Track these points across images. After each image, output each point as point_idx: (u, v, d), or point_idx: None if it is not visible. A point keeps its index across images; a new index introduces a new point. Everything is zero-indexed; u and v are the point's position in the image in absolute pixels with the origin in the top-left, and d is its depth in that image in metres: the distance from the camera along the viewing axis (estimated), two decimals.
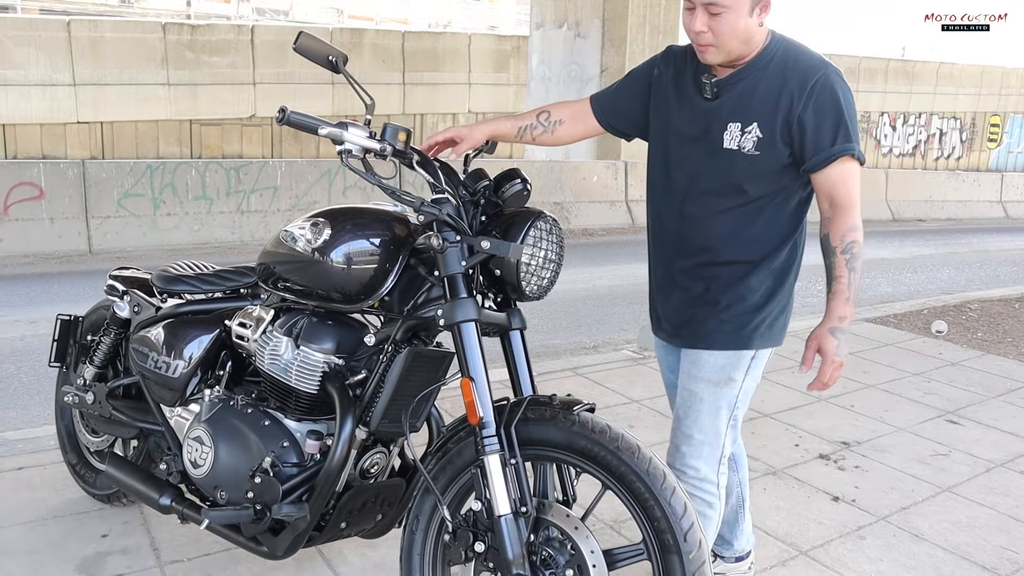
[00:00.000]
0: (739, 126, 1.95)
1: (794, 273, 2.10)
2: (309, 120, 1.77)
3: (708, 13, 1.84)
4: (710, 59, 1.92)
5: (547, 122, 2.24)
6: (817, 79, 1.88)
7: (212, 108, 15.92)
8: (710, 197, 2.03)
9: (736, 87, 1.95)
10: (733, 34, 1.85)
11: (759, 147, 1.94)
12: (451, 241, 1.80)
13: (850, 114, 1.89)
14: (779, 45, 1.95)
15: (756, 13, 1.86)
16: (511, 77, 19.12)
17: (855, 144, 1.89)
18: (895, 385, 4.43)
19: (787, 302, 2.11)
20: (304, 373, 2.00)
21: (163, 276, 2.40)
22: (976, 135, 27.03)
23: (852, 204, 1.90)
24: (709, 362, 2.08)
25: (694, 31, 1.88)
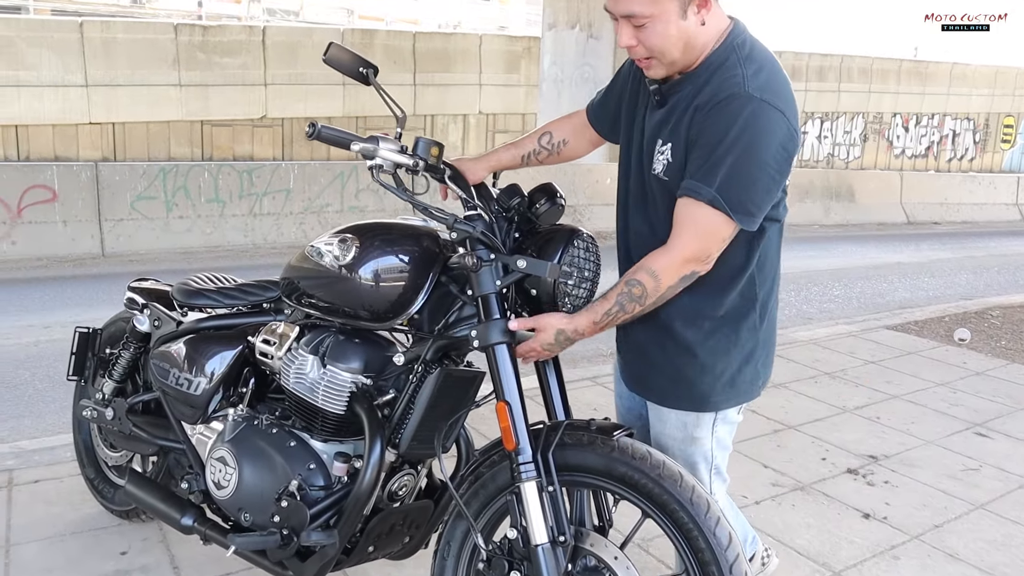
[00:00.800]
0: (660, 143, 1.72)
1: (755, 316, 1.81)
2: (341, 135, 1.72)
3: (632, 25, 1.63)
4: (654, 74, 1.70)
5: (550, 144, 2.11)
6: (721, 99, 1.59)
7: (223, 109, 15.89)
8: (640, 225, 1.83)
9: (674, 97, 1.71)
10: (667, 43, 1.61)
11: (667, 172, 1.70)
12: (485, 260, 1.75)
13: (728, 154, 1.56)
14: (723, 54, 1.66)
15: (692, 13, 1.60)
16: (522, 78, 19.03)
17: (709, 189, 1.57)
18: (920, 396, 4.36)
19: (751, 353, 1.83)
20: (331, 393, 1.94)
21: (184, 290, 2.35)
22: (989, 136, 26.84)
23: (676, 249, 1.63)
24: (671, 419, 1.89)
25: (621, 46, 1.68)
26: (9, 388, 4.32)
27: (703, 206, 1.59)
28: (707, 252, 1.64)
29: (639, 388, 1.95)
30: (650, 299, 1.66)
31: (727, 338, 1.79)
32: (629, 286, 1.67)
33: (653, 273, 1.65)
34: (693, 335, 1.78)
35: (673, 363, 1.82)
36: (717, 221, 1.60)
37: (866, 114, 23.81)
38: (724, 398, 1.84)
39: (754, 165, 1.57)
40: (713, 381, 1.81)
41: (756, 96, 1.58)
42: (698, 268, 1.65)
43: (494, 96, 18.96)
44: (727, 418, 1.88)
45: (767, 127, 1.57)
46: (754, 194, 1.59)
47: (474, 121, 18.96)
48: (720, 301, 1.76)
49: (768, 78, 1.63)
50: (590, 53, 13.15)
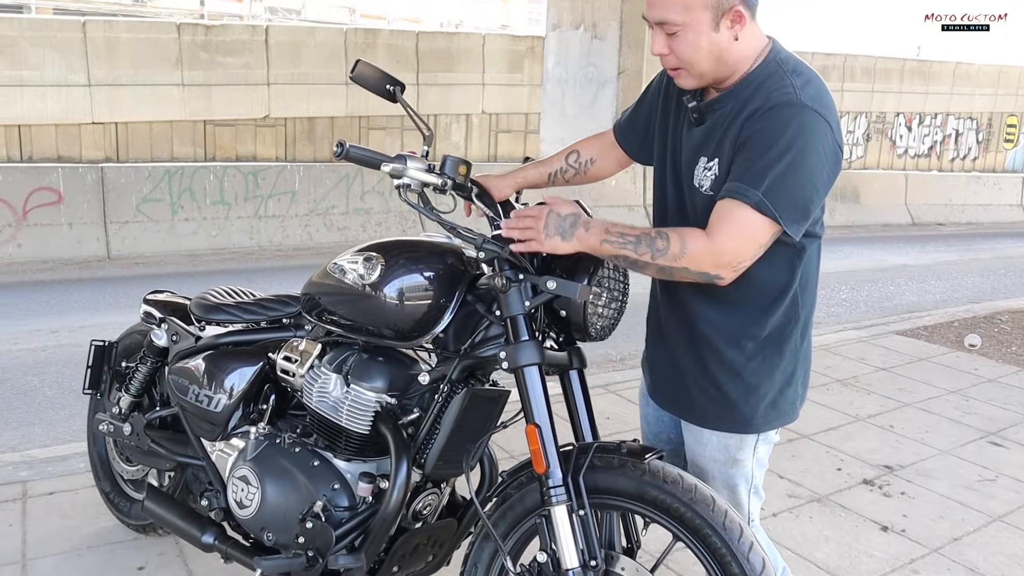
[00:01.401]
0: (704, 160, 1.69)
1: (797, 337, 1.77)
2: (370, 155, 1.70)
3: (665, 33, 1.62)
4: (684, 84, 1.69)
5: (577, 163, 2.07)
6: (772, 106, 1.57)
7: (226, 109, 15.87)
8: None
9: (716, 113, 1.69)
10: (697, 54, 1.60)
11: (714, 187, 1.66)
12: (514, 280, 1.73)
13: (779, 159, 1.53)
14: (768, 68, 1.64)
15: (725, 27, 1.59)
16: (525, 78, 19.00)
17: (755, 192, 1.53)
18: (933, 404, 4.34)
19: (792, 373, 1.80)
20: (355, 413, 1.92)
21: (202, 304, 2.33)
22: (993, 136, 26.82)
23: (715, 240, 1.57)
24: (711, 441, 1.84)
25: (654, 53, 1.67)
26: (19, 395, 4.31)
27: (747, 208, 1.55)
28: (741, 257, 1.59)
29: (675, 408, 1.91)
30: (661, 261, 1.59)
31: (770, 359, 1.76)
32: (658, 235, 1.60)
33: (684, 245, 1.58)
34: (736, 356, 1.75)
35: (715, 384, 1.78)
36: (760, 225, 1.56)
37: (869, 114, 23.78)
38: (766, 420, 1.80)
39: (803, 172, 1.55)
40: (757, 403, 1.77)
41: (808, 105, 1.57)
42: (724, 274, 1.60)
43: (497, 96, 18.93)
44: (768, 438, 1.86)
45: (817, 136, 1.56)
46: (799, 201, 1.57)
47: (477, 121, 18.94)
48: (764, 321, 1.73)
49: (817, 90, 1.62)
50: (594, 54, 13.11)
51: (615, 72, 12.80)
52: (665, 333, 1.88)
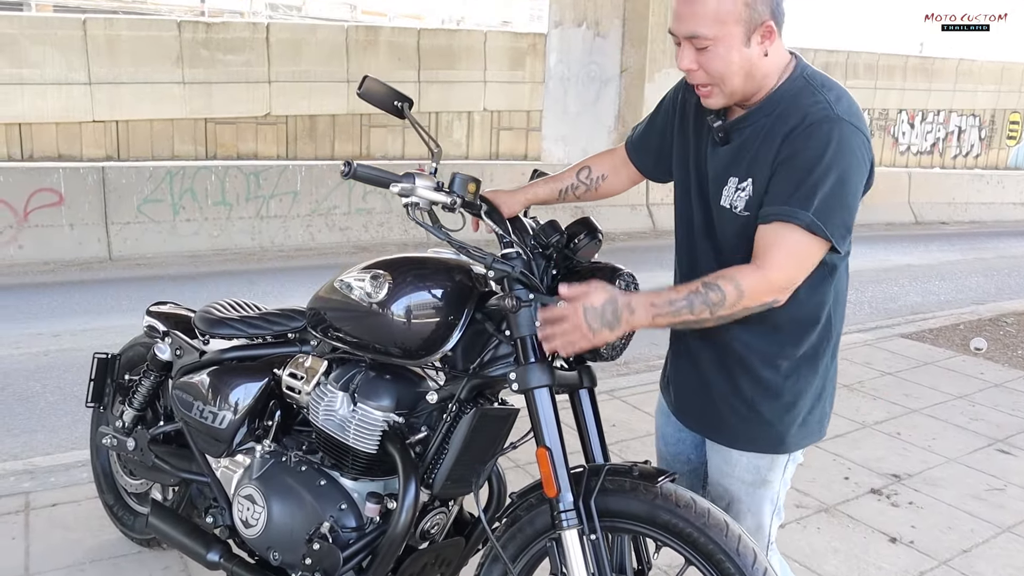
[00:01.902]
0: (736, 181, 1.65)
1: (828, 355, 1.76)
2: (377, 174, 1.67)
3: (694, 48, 1.57)
4: (713, 103, 1.64)
5: (588, 179, 2.03)
6: (809, 124, 1.54)
7: (227, 107, 15.85)
8: (710, 262, 1.73)
9: (744, 132, 1.65)
10: (729, 69, 1.56)
11: (749, 206, 1.62)
12: (524, 300, 1.70)
13: (826, 177, 1.51)
14: (796, 84, 1.61)
15: (756, 42, 1.55)
16: (527, 75, 18.96)
17: (807, 213, 1.51)
18: (939, 410, 4.32)
19: (823, 389, 1.79)
20: (363, 432, 1.90)
21: (206, 318, 2.30)
22: (995, 132, 26.76)
23: (769, 271, 1.53)
24: (741, 462, 1.80)
25: (682, 69, 1.62)
26: (21, 401, 4.29)
27: (799, 231, 1.52)
28: (795, 280, 1.58)
29: (703, 428, 1.88)
30: (723, 312, 1.55)
31: (804, 378, 1.73)
32: (707, 288, 1.54)
33: (739, 287, 1.53)
34: (771, 375, 1.71)
35: (748, 403, 1.75)
36: (813, 246, 1.54)
37: (872, 111, 23.72)
38: (798, 439, 1.78)
39: (847, 189, 1.54)
40: (791, 422, 1.75)
41: (845, 119, 1.55)
42: (780, 297, 1.58)
43: (499, 93, 18.90)
44: (796, 458, 1.84)
45: (857, 149, 1.55)
46: (847, 216, 1.56)
47: (479, 118, 18.91)
48: (802, 341, 1.70)
49: (849, 104, 1.60)
50: (597, 51, 13.06)
51: (618, 70, 12.76)
52: (691, 350, 1.84)
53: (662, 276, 6.20)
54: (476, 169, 9.99)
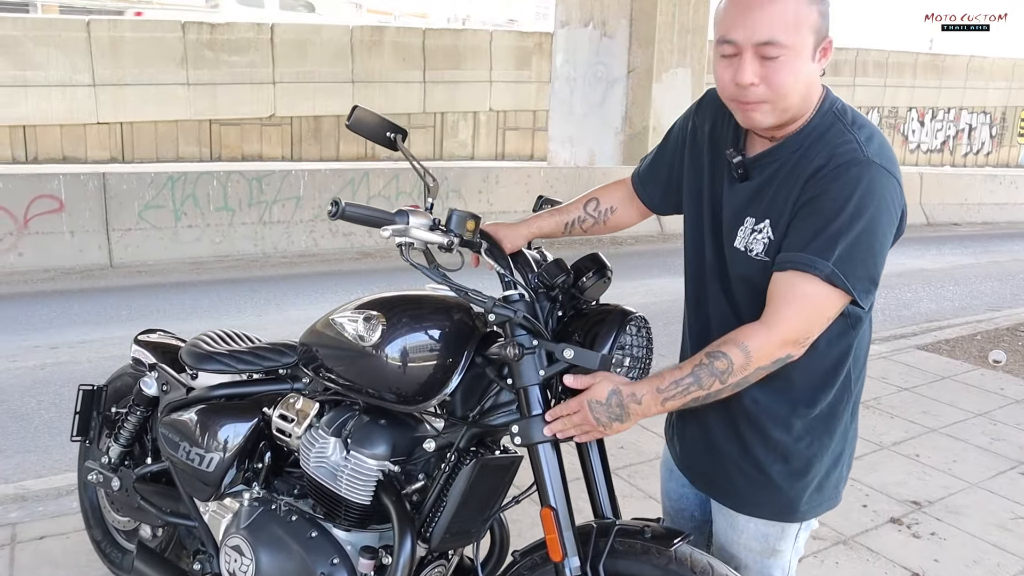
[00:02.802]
0: (752, 222, 1.51)
1: (847, 414, 1.60)
2: (368, 214, 1.55)
3: (760, 58, 1.38)
4: (760, 120, 1.45)
5: (596, 212, 1.90)
6: (836, 166, 1.40)
7: (231, 108, 15.78)
8: (721, 305, 1.62)
9: (766, 169, 1.50)
10: (795, 85, 1.39)
11: (768, 251, 1.48)
12: (528, 348, 1.58)
13: (851, 225, 1.36)
14: (826, 119, 1.47)
15: (817, 57, 1.41)
16: (533, 75, 18.84)
17: (826, 263, 1.37)
18: (959, 429, 4.18)
19: (841, 452, 1.63)
20: (356, 482, 1.78)
21: (193, 353, 2.18)
22: (1006, 130, 26.51)
23: (777, 326, 1.41)
24: (748, 528, 1.65)
25: (742, 84, 1.40)
26: (15, 419, 4.18)
27: (816, 281, 1.38)
28: (809, 333, 1.44)
29: (708, 488, 1.74)
30: (734, 378, 1.43)
31: (820, 440, 1.58)
32: (712, 358, 1.43)
33: (745, 349, 1.41)
34: (783, 436, 1.56)
35: (758, 466, 1.60)
36: (831, 298, 1.40)
37: (881, 108, 23.52)
38: (811, 506, 1.62)
39: (876, 236, 1.39)
40: (803, 488, 1.60)
41: (876, 162, 1.41)
42: (794, 352, 1.45)
43: (505, 93, 18.78)
44: (809, 525, 1.69)
45: (887, 196, 1.40)
46: (872, 267, 1.41)
47: (484, 118, 18.79)
48: (816, 399, 1.55)
49: (881, 144, 1.45)
50: (604, 52, 12.93)
51: (624, 71, 12.62)
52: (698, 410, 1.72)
53: (671, 284, 6.06)
54: (480, 172, 9.87)
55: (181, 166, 13.47)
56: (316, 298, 6.62)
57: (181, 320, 5.91)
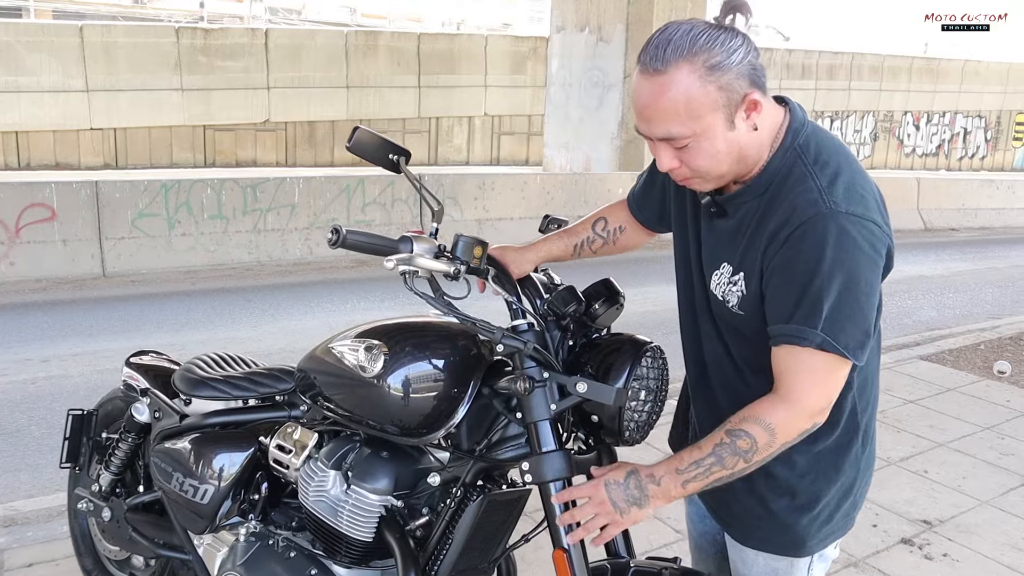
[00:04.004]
0: (729, 270, 1.46)
1: (856, 447, 1.53)
2: (370, 242, 1.47)
3: (672, 147, 1.36)
4: (700, 189, 1.44)
5: (605, 232, 1.83)
6: (801, 223, 1.32)
7: (226, 113, 15.70)
8: (714, 342, 1.55)
9: (740, 210, 1.44)
10: (715, 161, 1.35)
11: (743, 306, 1.43)
12: (538, 381, 1.50)
13: (829, 285, 1.29)
14: (788, 158, 1.39)
15: (740, 120, 1.33)
16: (528, 79, 18.79)
17: (815, 332, 1.30)
18: (967, 443, 4.11)
19: (851, 485, 1.55)
20: (357, 519, 1.70)
21: (187, 379, 2.10)
22: (1001, 134, 26.54)
23: (797, 401, 1.34)
24: (758, 562, 1.60)
25: (663, 170, 1.40)
26: (4, 436, 4.09)
27: (813, 352, 1.32)
28: (830, 399, 1.38)
29: (717, 517, 1.68)
30: (759, 456, 1.36)
31: (825, 474, 1.51)
32: (733, 437, 1.36)
33: (769, 427, 1.35)
34: (786, 472, 1.50)
35: (761, 501, 1.54)
36: (833, 364, 1.34)
37: (876, 112, 23.53)
38: (820, 539, 1.55)
39: (858, 291, 1.31)
40: (810, 523, 1.52)
41: (842, 211, 1.31)
42: (819, 420, 1.39)
43: (500, 97, 18.72)
44: (824, 556, 1.62)
45: (860, 243, 1.31)
46: (862, 322, 1.33)
47: (479, 123, 18.73)
48: (817, 435, 1.45)
49: (847, 183, 1.35)
50: (600, 56, 12.88)
51: (621, 76, 12.57)
52: (693, 422, 1.67)
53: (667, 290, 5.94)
54: (476, 179, 9.79)
55: (175, 173, 13.36)
56: (312, 307, 6.54)
57: (175, 331, 5.82)
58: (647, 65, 1.31)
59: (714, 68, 1.28)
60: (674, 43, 1.29)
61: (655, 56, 1.29)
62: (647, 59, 1.31)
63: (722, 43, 1.29)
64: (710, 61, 1.28)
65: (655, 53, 1.30)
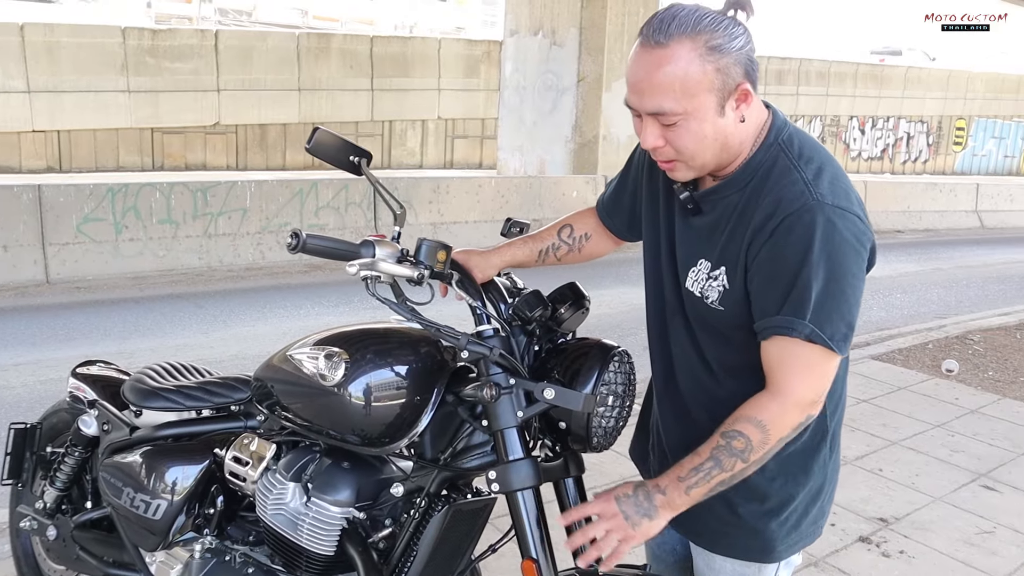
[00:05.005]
0: (707, 267, 1.45)
1: (825, 450, 1.53)
2: (331, 247, 1.43)
3: (659, 123, 1.34)
4: (679, 176, 1.43)
5: (571, 239, 1.82)
6: (788, 215, 1.32)
7: (174, 116, 15.37)
8: (685, 345, 1.55)
9: (717, 205, 1.44)
10: (700, 145, 1.34)
11: (723, 301, 1.43)
12: (504, 387, 1.47)
13: (816, 276, 1.29)
14: (772, 153, 1.39)
15: (730, 109, 1.33)
16: (482, 83, 18.76)
17: (804, 323, 1.31)
18: (919, 441, 4.19)
19: (819, 489, 1.56)
20: (317, 532, 1.65)
21: (137, 389, 2.02)
22: (942, 138, 27.27)
23: (787, 394, 1.35)
24: (725, 568, 1.59)
25: (646, 148, 1.39)
26: None
27: (802, 343, 1.32)
28: (820, 390, 1.38)
29: (682, 528, 1.65)
30: (756, 455, 1.36)
31: (795, 478, 1.51)
32: (727, 438, 1.36)
33: (760, 424, 1.35)
34: (755, 476, 1.47)
35: (729, 507, 1.52)
36: (821, 355, 1.34)
37: (824, 117, 23.99)
38: (788, 545, 1.55)
39: (844, 282, 1.31)
40: (778, 528, 1.52)
41: (828, 203, 1.32)
42: (813, 412, 1.38)
43: (453, 101, 18.66)
44: (790, 562, 1.61)
45: (846, 235, 1.32)
46: (847, 312, 1.33)
47: (433, 126, 18.64)
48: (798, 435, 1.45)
49: (831, 177, 1.37)
50: (553, 60, 12.90)
51: (575, 80, 12.59)
52: (665, 444, 1.64)
53: (626, 294, 5.94)
54: (431, 182, 9.73)
55: (122, 176, 13.05)
56: (264, 313, 6.42)
57: (123, 339, 5.66)
58: (649, 38, 1.30)
59: (715, 49, 1.28)
60: (679, 19, 1.29)
61: (659, 29, 1.29)
62: (650, 31, 1.30)
63: (725, 27, 1.30)
64: (712, 42, 1.28)
65: (659, 26, 1.29)
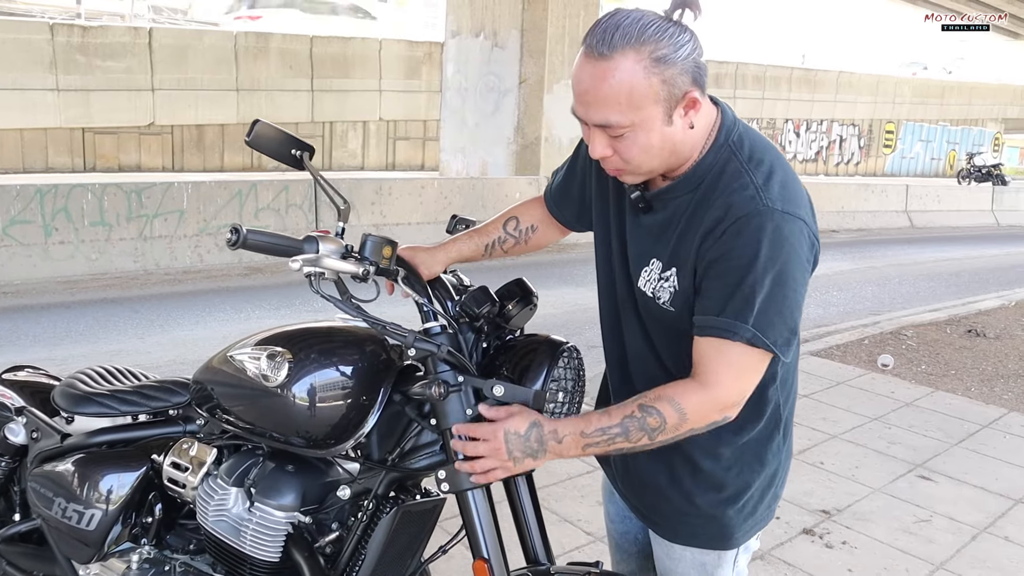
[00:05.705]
0: (659, 267, 1.45)
1: (779, 438, 1.55)
2: (273, 242, 1.38)
3: (607, 135, 1.34)
4: (628, 181, 1.43)
5: (517, 231, 1.79)
6: (737, 219, 1.32)
7: (107, 116, 14.93)
8: (638, 344, 1.55)
9: (668, 205, 1.44)
10: (648, 154, 1.34)
11: (674, 302, 1.42)
12: (453, 385, 1.45)
13: (762, 280, 1.29)
14: (722, 155, 1.38)
15: (678, 116, 1.32)
16: (423, 84, 18.67)
17: (746, 327, 1.30)
18: (858, 434, 4.28)
19: (773, 476, 1.57)
20: (262, 538, 1.60)
21: (68, 394, 1.94)
22: (873, 141, 28.11)
23: (713, 391, 1.34)
24: (685, 557, 1.59)
25: (594, 157, 1.38)
26: None
27: (740, 346, 1.32)
28: (745, 393, 1.38)
29: (641, 517, 1.66)
30: (664, 436, 1.36)
31: (750, 466, 1.52)
32: (644, 411, 1.36)
33: (681, 411, 1.35)
34: (712, 466, 1.50)
35: (687, 497, 1.53)
36: (756, 358, 1.34)
37: (760, 120, 24.48)
38: (745, 530, 1.56)
39: (788, 288, 1.31)
40: (736, 515, 1.53)
41: (777, 208, 1.32)
42: (730, 414, 1.39)
43: (395, 102, 18.53)
44: (748, 547, 1.62)
45: (793, 242, 1.32)
46: (790, 318, 1.34)
47: (374, 128, 18.49)
48: (743, 428, 1.48)
49: (782, 181, 1.36)
50: (495, 62, 12.90)
51: (516, 81, 12.62)
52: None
53: (572, 294, 5.94)
54: (373, 183, 9.64)
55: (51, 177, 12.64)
56: (203, 317, 6.27)
57: (53, 345, 5.46)
58: (592, 48, 1.27)
59: (660, 60, 1.26)
60: (623, 29, 1.26)
61: (602, 40, 1.26)
62: (593, 42, 1.27)
63: (671, 36, 1.27)
64: (657, 53, 1.26)
65: (602, 37, 1.26)
